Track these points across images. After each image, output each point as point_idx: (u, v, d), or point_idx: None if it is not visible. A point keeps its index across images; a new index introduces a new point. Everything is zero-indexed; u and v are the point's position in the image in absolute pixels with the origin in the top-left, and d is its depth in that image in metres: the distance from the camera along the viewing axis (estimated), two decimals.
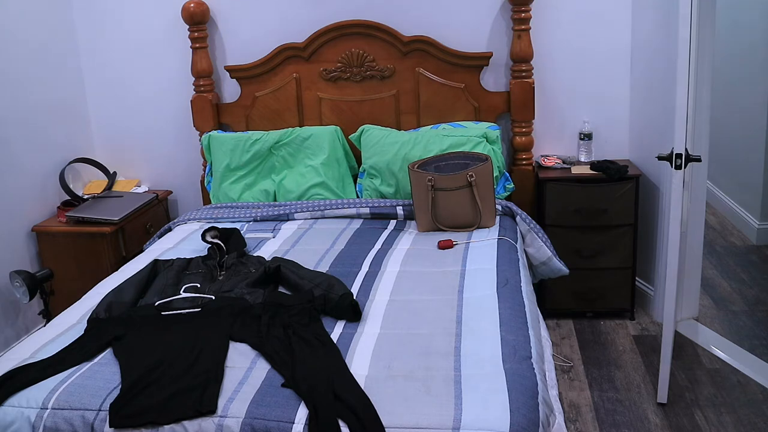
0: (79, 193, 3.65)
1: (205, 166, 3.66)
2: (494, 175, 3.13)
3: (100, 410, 1.79)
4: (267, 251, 2.85)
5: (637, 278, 3.49)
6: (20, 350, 2.13)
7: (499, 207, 3.14)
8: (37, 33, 3.49)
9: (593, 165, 3.35)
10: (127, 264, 2.84)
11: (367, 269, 2.62)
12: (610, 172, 3.24)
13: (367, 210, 3.22)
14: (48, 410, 1.81)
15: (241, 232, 3.06)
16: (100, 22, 3.73)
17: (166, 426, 1.73)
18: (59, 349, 2.08)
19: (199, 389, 1.82)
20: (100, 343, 2.08)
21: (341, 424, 1.68)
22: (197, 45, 3.57)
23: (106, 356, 2.04)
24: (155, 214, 3.71)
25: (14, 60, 3.33)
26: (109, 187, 3.74)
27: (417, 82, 3.48)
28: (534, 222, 3.11)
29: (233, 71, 3.61)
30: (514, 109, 3.42)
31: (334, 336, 2.11)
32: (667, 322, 2.68)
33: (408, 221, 3.16)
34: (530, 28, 3.36)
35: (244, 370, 1.93)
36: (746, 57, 4.28)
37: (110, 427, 1.74)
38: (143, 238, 3.51)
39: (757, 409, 2.67)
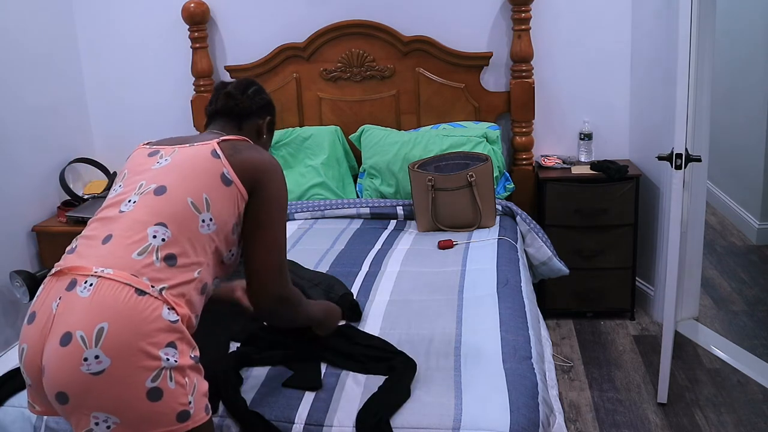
0: (79, 193, 3.65)
1: None
2: (494, 175, 3.13)
3: None
4: None
5: (637, 278, 3.48)
6: None
7: (499, 207, 3.14)
8: (37, 33, 3.48)
9: (593, 165, 3.35)
10: None
11: (367, 269, 2.62)
12: (610, 172, 3.24)
13: (367, 210, 3.21)
14: None
15: None
16: (100, 22, 3.73)
17: None
18: None
19: None
20: None
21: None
22: (197, 45, 3.57)
23: None
24: None
25: (14, 60, 3.33)
26: (109, 187, 3.74)
27: (417, 82, 3.48)
28: (534, 222, 3.11)
29: (233, 71, 3.61)
30: (514, 109, 3.42)
31: None
32: (667, 322, 2.68)
33: (408, 221, 3.16)
34: (530, 28, 3.35)
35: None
36: (746, 57, 4.28)
37: None
38: None
39: (757, 409, 2.67)
